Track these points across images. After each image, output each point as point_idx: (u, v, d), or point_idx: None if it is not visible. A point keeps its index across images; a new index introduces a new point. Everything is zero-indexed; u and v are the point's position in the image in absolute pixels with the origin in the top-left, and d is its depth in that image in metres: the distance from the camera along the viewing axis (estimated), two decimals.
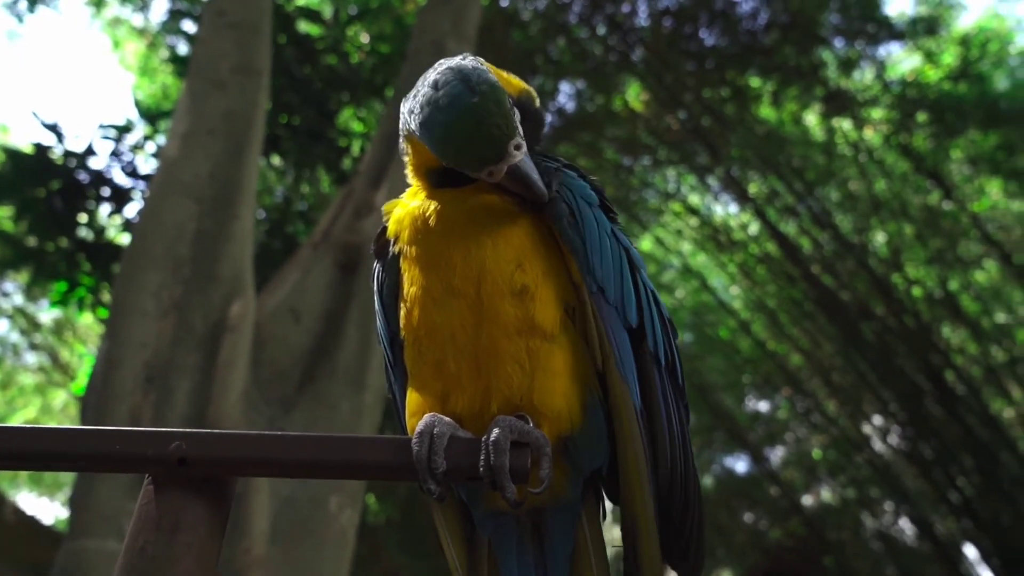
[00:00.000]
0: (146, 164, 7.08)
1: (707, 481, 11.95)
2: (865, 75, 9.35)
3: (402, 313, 1.03)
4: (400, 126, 1.07)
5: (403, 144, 1.08)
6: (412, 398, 1.01)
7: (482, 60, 1.01)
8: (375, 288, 1.11)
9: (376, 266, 1.12)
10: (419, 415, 0.97)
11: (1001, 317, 10.16)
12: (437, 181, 1.05)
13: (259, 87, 4.82)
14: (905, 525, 11.36)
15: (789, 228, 9.44)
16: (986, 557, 9.56)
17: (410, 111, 1.00)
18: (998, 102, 8.97)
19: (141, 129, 7.34)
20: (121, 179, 6.85)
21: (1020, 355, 9.95)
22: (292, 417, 3.76)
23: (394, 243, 1.07)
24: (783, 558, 11.24)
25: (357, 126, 8.43)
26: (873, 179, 9.34)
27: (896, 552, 11.18)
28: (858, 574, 10.85)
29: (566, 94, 9.55)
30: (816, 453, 11.79)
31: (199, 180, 4.21)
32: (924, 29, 8.49)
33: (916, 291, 9.55)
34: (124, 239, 6.89)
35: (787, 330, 10.01)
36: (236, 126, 4.51)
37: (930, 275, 9.58)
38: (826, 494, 12.28)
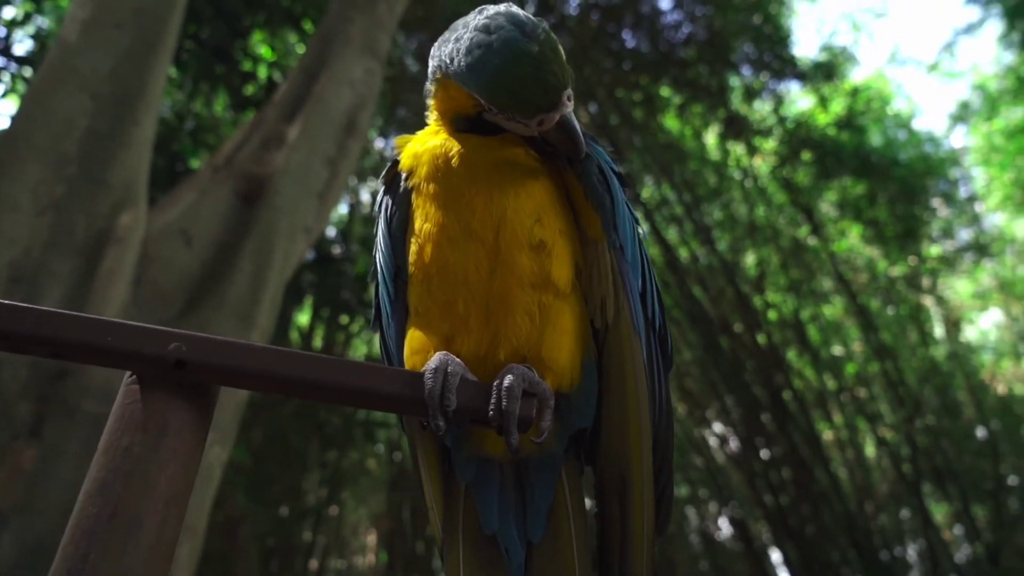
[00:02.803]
0: (22, 45, 6.39)
1: None
2: (764, 106, 9.96)
3: (412, 249, 1.02)
4: (430, 69, 1.05)
5: (430, 87, 1.06)
6: (415, 336, 1.00)
7: None
8: (383, 220, 1.09)
9: (385, 198, 1.09)
10: (423, 353, 0.97)
11: (838, 350, 11.17)
12: (464, 128, 1.04)
13: None
14: (724, 525, 12.32)
15: (672, 237, 9.90)
16: (788, 562, 10.53)
17: (452, 54, 0.97)
18: (870, 155, 9.84)
19: (19, 5, 6.61)
20: None
21: (846, 386, 11.02)
22: None
23: (407, 178, 1.05)
24: None
25: (267, 52, 7.96)
26: (754, 204, 9.97)
27: (712, 548, 12.11)
28: (677, 564, 11.65)
29: None
30: None
31: (98, 75, 3.83)
32: (823, 74, 9.14)
33: (772, 315, 10.31)
34: None
35: None
36: (147, 25, 4.13)
37: (787, 302, 10.38)
38: None
